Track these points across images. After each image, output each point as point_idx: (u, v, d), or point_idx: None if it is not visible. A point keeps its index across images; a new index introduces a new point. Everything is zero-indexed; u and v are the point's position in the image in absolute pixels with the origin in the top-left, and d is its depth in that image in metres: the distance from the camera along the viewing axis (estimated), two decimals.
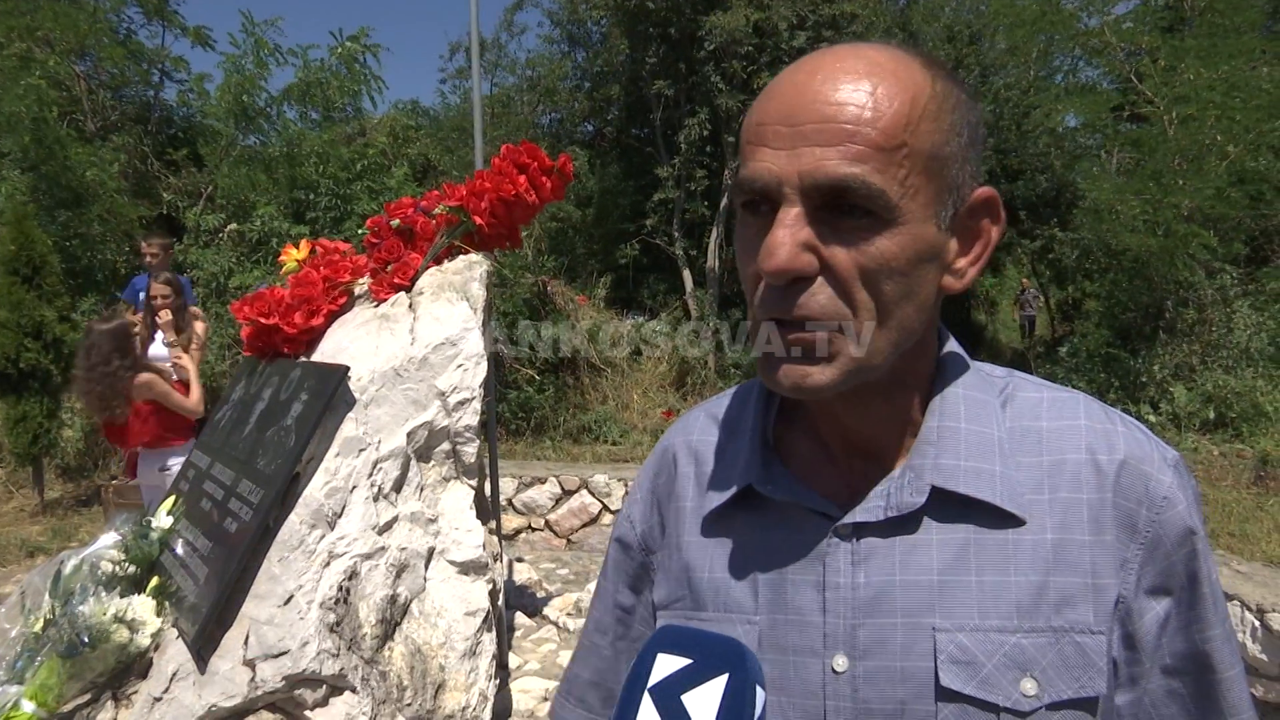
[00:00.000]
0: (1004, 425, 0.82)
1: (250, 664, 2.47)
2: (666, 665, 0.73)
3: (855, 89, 0.70)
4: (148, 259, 6.52)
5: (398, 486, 2.87)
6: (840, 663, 0.78)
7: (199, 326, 5.84)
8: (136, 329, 5.26)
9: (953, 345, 0.87)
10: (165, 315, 5.36)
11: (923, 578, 0.77)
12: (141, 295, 6.45)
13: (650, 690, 0.72)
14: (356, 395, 2.91)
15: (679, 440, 0.98)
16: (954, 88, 0.75)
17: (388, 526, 2.78)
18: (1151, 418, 9.03)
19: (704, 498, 0.91)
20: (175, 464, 4.89)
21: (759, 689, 0.71)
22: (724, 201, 13.10)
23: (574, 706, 1.02)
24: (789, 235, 0.70)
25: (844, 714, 0.77)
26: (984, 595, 0.76)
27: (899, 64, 0.72)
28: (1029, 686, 0.73)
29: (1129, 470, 0.78)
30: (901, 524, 0.79)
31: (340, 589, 2.60)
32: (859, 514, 0.80)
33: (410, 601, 2.76)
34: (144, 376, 4.62)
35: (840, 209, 0.70)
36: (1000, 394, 0.85)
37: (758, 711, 0.70)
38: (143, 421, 4.69)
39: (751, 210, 0.75)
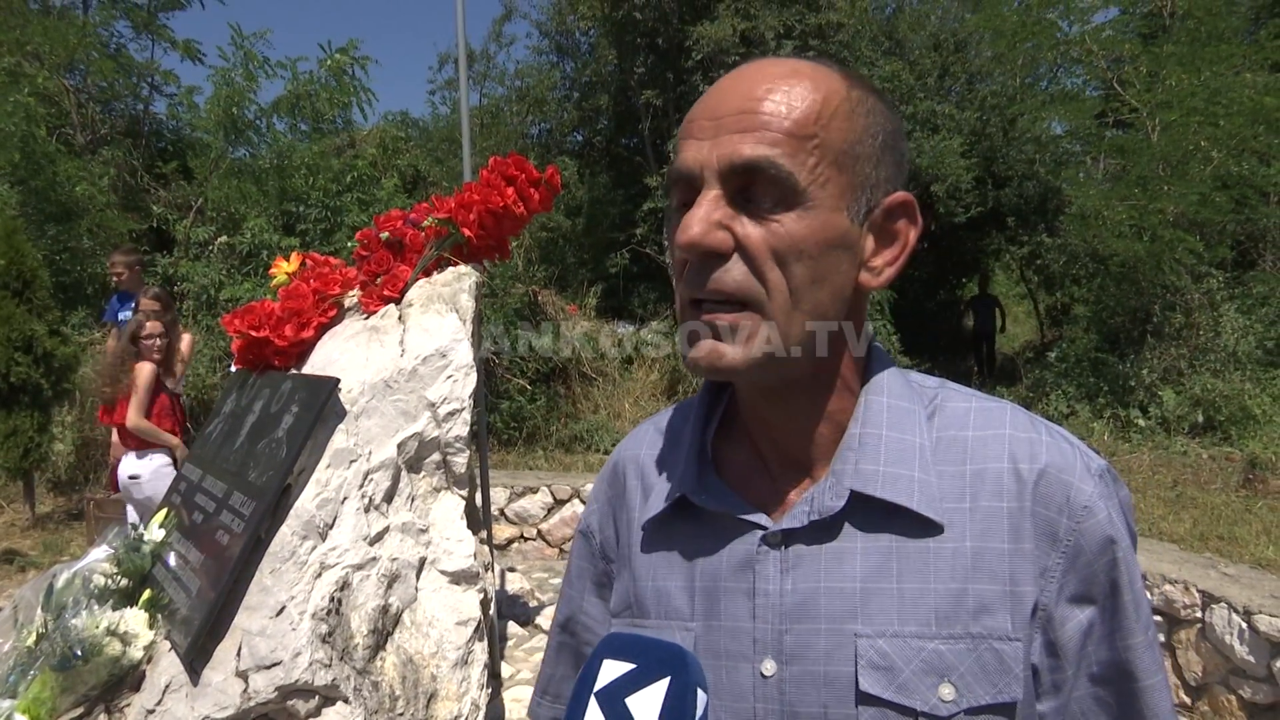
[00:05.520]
0: (930, 435, 0.84)
1: (243, 675, 2.48)
2: (612, 670, 0.77)
3: (773, 87, 0.76)
4: (113, 279, 6.41)
5: (389, 497, 2.89)
6: (769, 667, 0.80)
7: (184, 342, 5.81)
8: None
9: (881, 355, 0.90)
10: (155, 328, 5.26)
11: (846, 585, 0.79)
12: (121, 315, 6.33)
13: (596, 694, 0.75)
14: (347, 407, 2.92)
15: (628, 454, 1.01)
16: (871, 97, 0.81)
17: (379, 537, 2.79)
18: (1141, 421, 9.07)
19: (646, 508, 0.93)
20: (144, 473, 4.94)
21: (700, 691, 0.75)
22: None
23: (550, 703, 1.06)
24: (704, 213, 0.75)
25: (772, 717, 0.79)
26: (904, 602, 0.78)
27: (817, 72, 0.78)
28: (947, 692, 0.75)
29: (1048, 479, 0.79)
30: (825, 530, 0.81)
31: (332, 600, 2.61)
32: (785, 521, 0.82)
33: (402, 611, 2.78)
34: (142, 365, 5.01)
35: (754, 194, 0.75)
36: (929, 404, 0.87)
37: (699, 712, 0.73)
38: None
39: (686, 208, 0.79)
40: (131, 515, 4.97)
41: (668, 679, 0.74)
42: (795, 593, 0.80)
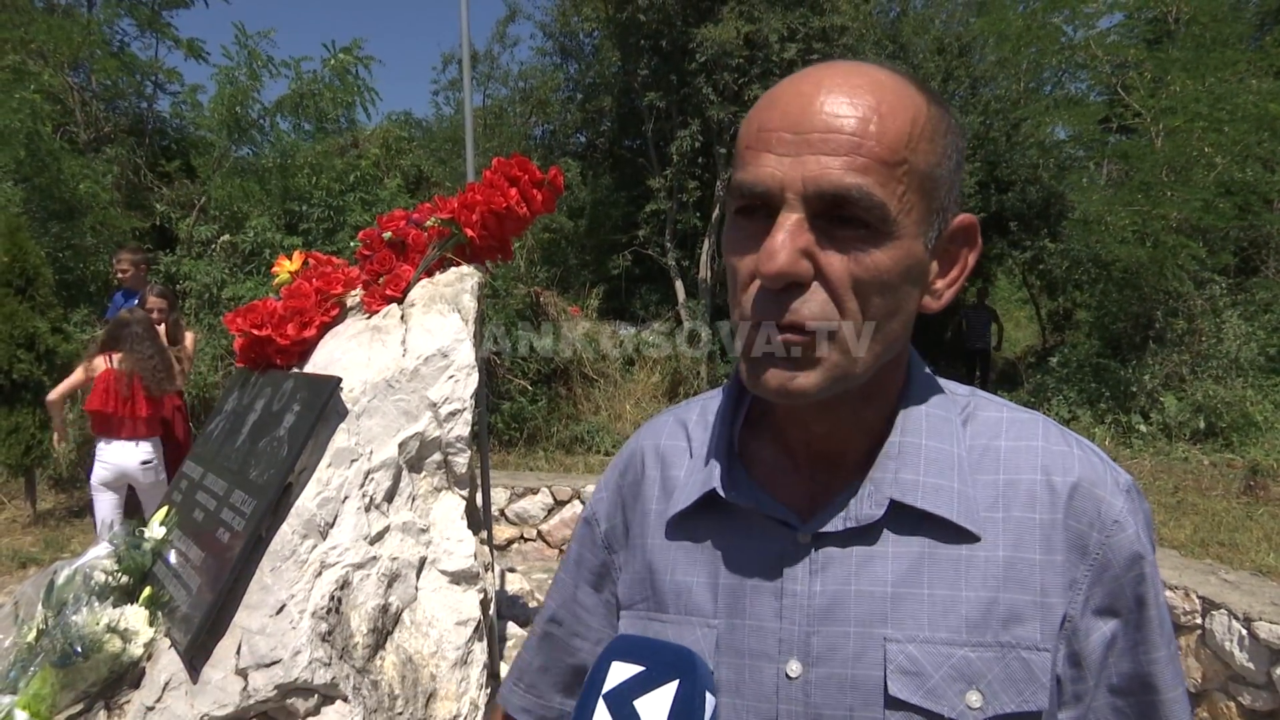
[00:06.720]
0: (964, 443, 0.83)
1: (242, 673, 2.48)
2: (620, 672, 0.77)
3: (860, 102, 0.71)
4: (118, 275, 6.47)
5: (389, 497, 2.89)
6: (794, 668, 0.79)
7: (188, 340, 5.85)
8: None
9: (918, 362, 0.89)
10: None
11: (876, 589, 0.78)
12: None
13: (605, 696, 0.76)
14: (348, 406, 2.93)
15: (647, 444, 0.99)
16: (945, 113, 0.77)
17: (379, 536, 2.80)
18: (1142, 427, 9.07)
19: (669, 501, 0.92)
20: (155, 458, 5.00)
21: (709, 695, 0.75)
22: (715, 213, 13.13)
23: (523, 692, 1.05)
24: (789, 240, 0.70)
25: (795, 718, 0.79)
26: (935, 608, 0.77)
27: (899, 84, 0.74)
28: (974, 699, 0.75)
29: (1081, 493, 0.79)
30: (860, 534, 0.80)
31: (332, 598, 2.61)
32: (819, 524, 0.81)
33: (402, 611, 2.78)
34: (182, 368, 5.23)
35: (838, 219, 0.71)
36: (962, 412, 0.87)
37: (707, 715, 0.74)
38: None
39: (746, 214, 0.75)
40: (108, 511, 5.00)
41: (676, 682, 0.75)
42: (824, 594, 0.79)
